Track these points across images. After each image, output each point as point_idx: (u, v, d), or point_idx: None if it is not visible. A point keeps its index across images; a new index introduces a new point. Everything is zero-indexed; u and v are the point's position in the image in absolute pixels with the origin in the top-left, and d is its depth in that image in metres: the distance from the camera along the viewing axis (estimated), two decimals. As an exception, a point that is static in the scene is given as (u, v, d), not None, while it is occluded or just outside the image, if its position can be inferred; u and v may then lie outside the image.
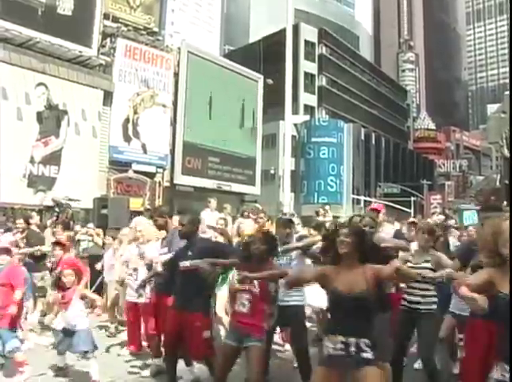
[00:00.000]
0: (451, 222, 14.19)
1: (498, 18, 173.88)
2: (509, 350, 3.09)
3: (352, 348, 3.73)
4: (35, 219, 10.48)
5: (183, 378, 6.06)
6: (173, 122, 31.97)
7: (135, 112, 29.28)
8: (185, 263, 5.48)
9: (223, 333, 7.10)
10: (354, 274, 3.85)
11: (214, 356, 5.42)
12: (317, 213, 12.53)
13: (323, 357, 3.90)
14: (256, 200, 31.56)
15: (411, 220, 9.05)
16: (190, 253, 5.56)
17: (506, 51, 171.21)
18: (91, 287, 9.30)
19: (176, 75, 32.27)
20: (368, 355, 3.72)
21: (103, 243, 10.75)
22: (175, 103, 32.03)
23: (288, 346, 7.31)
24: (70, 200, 17.40)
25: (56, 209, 15.84)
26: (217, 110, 35.05)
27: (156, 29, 31.81)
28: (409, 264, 5.59)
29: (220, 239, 7.94)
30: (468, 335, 5.09)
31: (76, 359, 6.20)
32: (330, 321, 4.14)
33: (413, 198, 48.21)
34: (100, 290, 9.68)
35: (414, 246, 6.89)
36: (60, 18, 25.71)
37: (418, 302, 5.46)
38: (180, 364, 6.14)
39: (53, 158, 25.22)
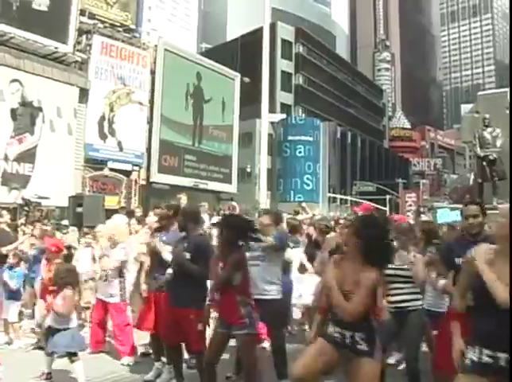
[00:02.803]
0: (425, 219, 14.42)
1: (472, 20, 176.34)
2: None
3: (348, 340, 3.84)
4: (5, 217, 10.35)
5: (161, 377, 6.08)
6: (150, 120, 31.83)
7: (111, 110, 29.05)
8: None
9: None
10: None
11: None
12: (297, 212, 12.53)
13: (323, 332, 4.01)
14: (232, 198, 31.58)
15: None
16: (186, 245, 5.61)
17: (480, 52, 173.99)
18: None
19: (153, 72, 32.10)
20: (363, 347, 3.80)
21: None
22: (151, 101, 31.88)
23: (266, 344, 7.26)
24: (40, 197, 17.25)
25: (26, 208, 15.71)
26: (193, 108, 35.05)
27: (132, 26, 31.54)
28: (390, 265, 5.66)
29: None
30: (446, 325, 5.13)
31: (62, 363, 6.02)
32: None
33: (388, 196, 48.63)
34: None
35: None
36: (35, 14, 25.29)
37: (403, 301, 5.50)
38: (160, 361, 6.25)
39: (28, 156, 24.84)
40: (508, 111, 21.24)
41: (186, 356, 6.21)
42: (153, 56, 32.21)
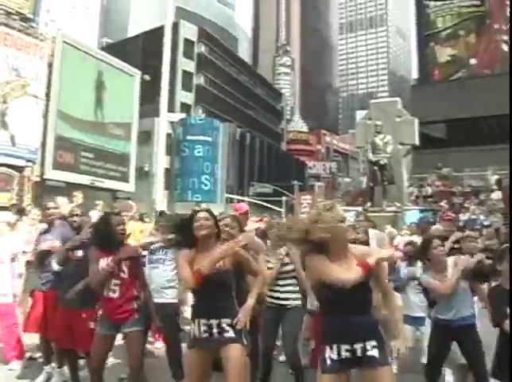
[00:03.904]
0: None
1: (368, 31, 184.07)
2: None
3: (215, 330, 3.92)
4: None
5: (52, 380, 6.00)
6: (45, 115, 30.92)
7: (4, 102, 27.93)
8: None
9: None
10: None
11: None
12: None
13: (191, 340, 4.04)
14: (129, 196, 31.35)
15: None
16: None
17: (374, 62, 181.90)
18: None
19: (51, 65, 31.19)
20: (230, 334, 3.92)
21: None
22: (48, 95, 30.97)
23: (159, 344, 7.49)
24: None
25: None
26: (91, 104, 34.41)
27: (30, 15, 30.35)
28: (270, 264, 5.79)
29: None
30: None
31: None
32: (193, 305, 4.25)
33: (284, 198, 49.54)
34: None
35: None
36: None
37: (286, 299, 5.65)
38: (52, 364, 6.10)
39: None
40: (398, 119, 22.75)
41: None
42: (51, 48, 31.26)
